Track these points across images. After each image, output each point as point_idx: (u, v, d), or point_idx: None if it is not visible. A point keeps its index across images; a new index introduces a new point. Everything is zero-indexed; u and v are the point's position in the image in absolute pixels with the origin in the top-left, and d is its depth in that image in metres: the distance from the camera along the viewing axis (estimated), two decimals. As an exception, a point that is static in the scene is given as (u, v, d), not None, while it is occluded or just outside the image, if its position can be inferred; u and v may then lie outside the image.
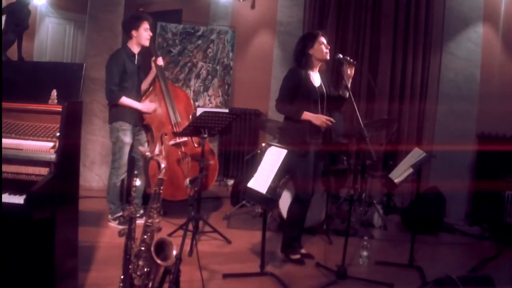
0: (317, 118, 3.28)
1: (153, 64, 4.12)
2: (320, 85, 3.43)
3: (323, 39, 3.37)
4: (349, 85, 3.34)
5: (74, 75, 2.52)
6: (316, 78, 3.43)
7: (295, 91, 3.34)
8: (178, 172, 4.11)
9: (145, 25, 3.91)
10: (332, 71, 3.63)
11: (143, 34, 3.91)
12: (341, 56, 3.33)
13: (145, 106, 4.03)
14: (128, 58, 3.91)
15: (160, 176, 2.46)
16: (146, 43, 3.95)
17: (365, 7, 5.54)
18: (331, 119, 3.29)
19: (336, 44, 5.58)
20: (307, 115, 3.28)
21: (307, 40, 3.40)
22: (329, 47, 3.38)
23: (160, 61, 4.14)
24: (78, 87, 2.50)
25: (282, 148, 2.97)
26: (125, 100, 3.90)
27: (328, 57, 3.39)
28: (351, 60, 3.35)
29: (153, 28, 4.12)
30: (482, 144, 5.03)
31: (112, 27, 5.29)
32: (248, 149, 6.13)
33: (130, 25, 3.92)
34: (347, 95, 3.40)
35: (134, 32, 3.91)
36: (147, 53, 4.13)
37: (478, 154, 5.07)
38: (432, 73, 5.34)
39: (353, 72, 3.38)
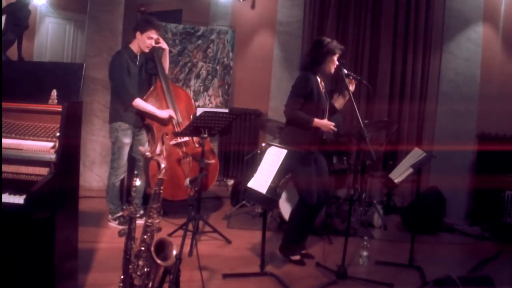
0: (325, 125, 3.31)
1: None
2: (325, 92, 3.44)
3: (335, 57, 3.36)
4: (352, 98, 3.32)
5: (74, 75, 2.52)
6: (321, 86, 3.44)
7: (306, 98, 3.31)
8: (179, 172, 4.11)
9: (151, 33, 3.89)
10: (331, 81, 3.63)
11: (146, 41, 3.89)
12: (346, 71, 3.32)
13: (162, 112, 4.01)
14: (130, 59, 3.91)
15: (160, 176, 2.46)
16: (145, 49, 3.95)
17: (365, 7, 5.55)
18: (334, 128, 3.34)
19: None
20: (317, 122, 3.30)
21: (326, 52, 3.33)
22: (337, 63, 3.36)
23: (164, 45, 4.12)
24: (78, 87, 2.50)
25: (282, 148, 2.97)
26: (141, 103, 3.91)
27: (332, 72, 3.40)
28: (354, 75, 3.37)
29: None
30: (482, 144, 5.03)
31: (112, 27, 5.29)
32: (248, 149, 6.13)
33: (139, 26, 3.92)
34: (342, 105, 3.50)
35: (138, 34, 3.91)
36: (149, 53, 4.11)
37: (478, 154, 5.07)
38: (432, 73, 5.33)
39: (353, 87, 3.39)
